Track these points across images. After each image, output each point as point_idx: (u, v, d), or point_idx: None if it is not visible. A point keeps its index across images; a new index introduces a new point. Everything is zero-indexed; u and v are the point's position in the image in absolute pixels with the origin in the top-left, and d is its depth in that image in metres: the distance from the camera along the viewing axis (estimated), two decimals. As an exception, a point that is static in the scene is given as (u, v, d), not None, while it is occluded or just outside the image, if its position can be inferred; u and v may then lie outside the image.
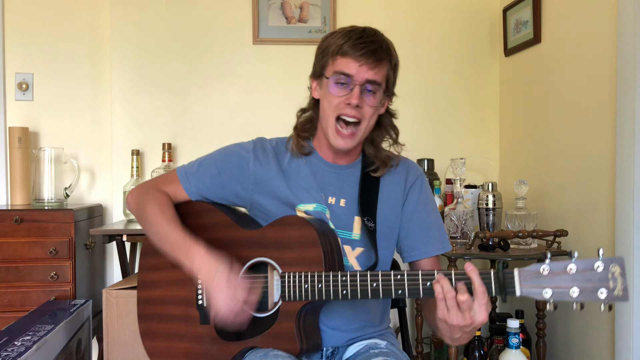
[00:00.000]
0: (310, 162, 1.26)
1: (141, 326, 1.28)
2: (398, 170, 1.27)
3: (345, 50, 1.13)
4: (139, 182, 2.19)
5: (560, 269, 0.90)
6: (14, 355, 1.29)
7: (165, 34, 2.31)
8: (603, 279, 0.87)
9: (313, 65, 1.23)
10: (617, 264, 0.87)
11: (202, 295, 1.20)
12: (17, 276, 1.92)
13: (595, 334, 1.72)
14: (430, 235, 1.24)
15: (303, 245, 1.11)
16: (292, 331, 1.09)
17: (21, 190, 2.22)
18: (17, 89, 2.33)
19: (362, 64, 1.13)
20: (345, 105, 1.14)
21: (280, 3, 2.34)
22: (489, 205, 1.91)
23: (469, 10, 2.40)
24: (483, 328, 2.10)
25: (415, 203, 1.25)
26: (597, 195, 1.70)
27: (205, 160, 1.28)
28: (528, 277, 0.92)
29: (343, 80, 1.14)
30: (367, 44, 1.13)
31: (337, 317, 1.19)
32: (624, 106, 1.56)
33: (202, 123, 2.33)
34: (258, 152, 1.26)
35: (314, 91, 1.24)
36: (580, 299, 0.88)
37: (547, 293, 0.90)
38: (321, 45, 1.20)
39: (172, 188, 1.27)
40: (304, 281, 1.08)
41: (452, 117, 2.41)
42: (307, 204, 1.20)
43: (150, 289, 1.28)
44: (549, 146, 1.99)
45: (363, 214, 1.20)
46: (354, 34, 1.14)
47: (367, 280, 1.04)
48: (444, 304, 0.96)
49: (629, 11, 1.54)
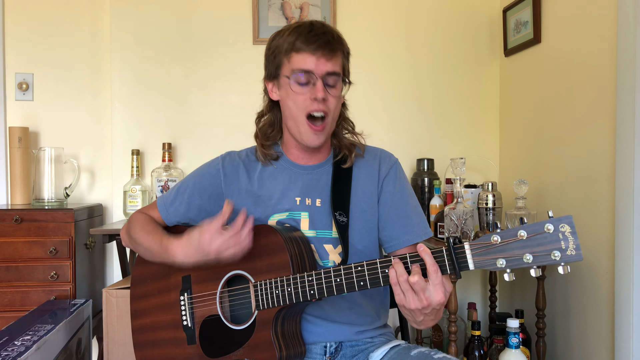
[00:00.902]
0: (280, 166, 1.26)
1: (137, 355, 1.31)
2: (370, 161, 1.26)
3: (299, 47, 1.13)
4: (139, 182, 2.20)
5: (511, 236, 0.89)
6: (14, 355, 1.29)
7: (165, 34, 2.32)
8: (554, 240, 0.86)
9: (265, 67, 1.23)
10: (565, 223, 0.86)
11: (185, 315, 1.22)
12: (17, 276, 1.93)
13: (595, 334, 1.72)
14: (409, 223, 1.23)
15: (271, 252, 1.12)
16: (269, 339, 1.09)
17: (21, 190, 2.22)
18: (17, 89, 2.33)
19: (319, 56, 1.13)
20: (312, 101, 1.14)
21: (280, 3, 2.34)
22: (489, 205, 1.91)
23: (469, 10, 2.40)
24: (483, 328, 2.10)
25: (392, 193, 1.24)
26: (597, 195, 1.70)
27: (181, 187, 1.31)
28: (479, 249, 0.91)
29: (303, 77, 1.14)
30: (319, 36, 1.13)
31: (328, 309, 1.20)
32: (624, 106, 1.56)
33: (202, 123, 2.34)
34: (227, 169, 1.27)
35: (272, 93, 1.23)
36: (535, 263, 0.87)
37: (501, 262, 0.89)
38: (270, 46, 1.20)
39: (155, 214, 1.32)
40: (275, 287, 1.09)
41: (452, 117, 2.42)
42: (279, 213, 1.21)
43: (141, 317, 1.30)
44: (549, 146, 2.00)
45: (335, 209, 1.20)
46: (302, 29, 1.14)
47: (330, 276, 1.04)
48: (399, 289, 0.96)
49: (629, 11, 1.54)
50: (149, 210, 1.34)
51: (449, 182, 2.09)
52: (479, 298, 2.42)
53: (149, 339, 1.28)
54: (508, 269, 0.90)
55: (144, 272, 1.31)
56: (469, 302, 2.17)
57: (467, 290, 2.42)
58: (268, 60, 1.21)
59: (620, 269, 1.56)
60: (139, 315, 1.31)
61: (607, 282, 1.65)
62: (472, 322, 1.92)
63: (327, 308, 1.20)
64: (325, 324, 1.20)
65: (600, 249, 1.68)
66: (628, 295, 1.54)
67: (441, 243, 1.87)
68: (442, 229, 1.93)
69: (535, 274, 0.89)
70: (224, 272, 1.18)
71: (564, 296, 1.88)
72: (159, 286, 1.27)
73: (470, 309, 2.10)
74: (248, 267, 1.14)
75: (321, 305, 1.19)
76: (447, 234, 1.86)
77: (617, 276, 1.58)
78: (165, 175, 2.19)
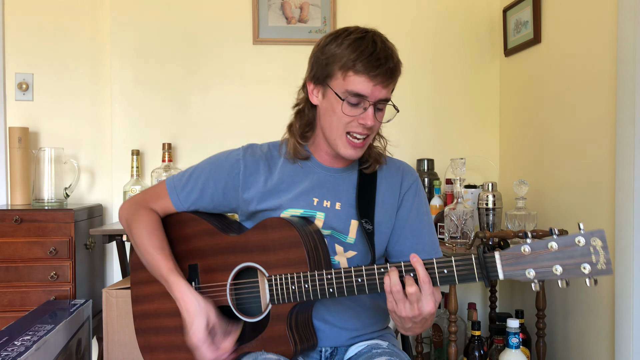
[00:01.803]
0: (306, 166, 1.23)
1: (140, 340, 1.29)
2: (392, 173, 1.25)
3: (359, 69, 1.07)
4: (139, 182, 2.20)
5: (542, 247, 0.89)
6: (14, 355, 1.29)
7: (165, 34, 2.31)
8: (585, 254, 0.86)
9: (311, 67, 1.16)
10: (597, 237, 0.85)
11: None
12: (17, 276, 1.93)
13: (595, 334, 1.72)
14: (420, 242, 1.23)
15: (286, 246, 1.10)
16: (284, 333, 1.09)
17: (21, 190, 2.22)
18: (17, 89, 2.33)
19: (377, 83, 1.08)
20: (358, 124, 1.11)
21: (280, 3, 2.34)
22: (489, 205, 1.91)
23: (469, 10, 2.41)
24: (483, 328, 2.10)
25: (409, 209, 1.23)
26: (597, 195, 1.70)
27: (194, 172, 1.26)
28: (509, 259, 0.91)
29: (355, 100, 1.09)
30: (382, 61, 1.07)
31: (334, 314, 1.19)
32: (624, 106, 1.56)
33: (202, 123, 2.34)
34: (248, 160, 1.23)
35: (313, 96, 1.17)
36: (564, 276, 0.87)
37: (530, 273, 0.89)
38: (324, 51, 1.12)
39: (161, 204, 1.26)
40: (291, 283, 1.08)
41: (452, 117, 2.42)
42: (294, 209, 1.19)
43: (144, 303, 1.29)
44: (549, 146, 1.99)
45: (361, 216, 1.19)
46: (365, 48, 1.07)
47: (351, 276, 1.03)
48: (391, 297, 0.97)
49: (629, 11, 1.54)
50: (155, 201, 1.27)
51: (449, 183, 2.09)
52: (479, 298, 2.42)
53: (153, 325, 1.26)
54: (536, 280, 0.90)
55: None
56: (469, 302, 2.17)
57: (467, 290, 2.42)
58: (318, 63, 1.14)
59: (620, 269, 1.56)
60: (141, 300, 1.29)
61: (607, 282, 1.65)
62: (472, 322, 1.92)
63: (329, 311, 1.19)
64: (323, 328, 1.19)
65: (600, 249, 1.68)
66: (628, 295, 1.54)
67: (442, 244, 1.87)
68: (442, 230, 1.93)
69: (562, 286, 0.89)
70: (234, 263, 1.16)
71: (564, 296, 1.88)
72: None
73: (470, 309, 2.10)
74: (261, 259, 1.13)
75: (324, 308, 1.18)
76: (447, 235, 1.86)
77: (617, 276, 1.58)
78: (165, 176, 2.19)
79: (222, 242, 1.19)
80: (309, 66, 1.18)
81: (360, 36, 1.10)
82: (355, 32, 1.11)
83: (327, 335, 1.19)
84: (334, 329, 1.20)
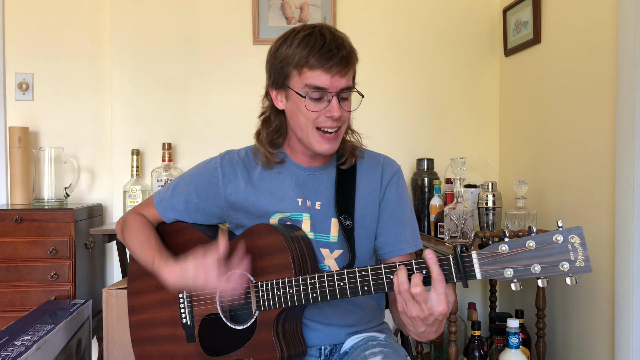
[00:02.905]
0: (283, 169, 1.23)
1: (135, 350, 1.31)
2: (372, 166, 1.25)
3: (313, 64, 1.07)
4: (139, 182, 2.20)
5: (520, 246, 0.87)
6: (14, 355, 1.29)
7: (165, 34, 2.31)
8: (564, 251, 0.85)
9: (269, 74, 1.18)
10: (575, 234, 0.85)
11: (185, 313, 1.22)
12: (17, 276, 1.93)
13: (595, 334, 1.72)
14: (403, 232, 1.23)
15: (272, 252, 1.11)
16: (270, 340, 1.09)
17: (21, 190, 2.22)
18: (17, 89, 2.33)
19: (334, 73, 1.08)
20: (326, 118, 1.11)
21: (280, 3, 2.34)
22: (489, 205, 1.91)
23: (469, 10, 2.41)
24: (483, 328, 2.10)
25: (392, 200, 1.23)
26: (597, 195, 1.70)
27: (177, 185, 1.29)
28: (487, 258, 0.90)
29: (317, 94, 1.10)
30: (333, 52, 1.07)
31: (329, 314, 1.19)
32: (624, 106, 1.56)
33: (202, 123, 2.34)
34: (225, 168, 1.24)
35: (278, 102, 1.18)
36: (544, 274, 0.86)
37: (509, 272, 0.88)
38: (277, 55, 1.13)
39: (150, 212, 1.31)
40: (276, 288, 1.08)
41: (452, 117, 2.42)
42: (281, 213, 1.19)
43: (139, 313, 1.30)
44: (549, 146, 2.00)
45: (340, 212, 1.19)
46: (314, 42, 1.08)
47: (334, 280, 1.03)
48: (400, 297, 0.95)
49: (629, 11, 1.54)
50: (145, 208, 1.32)
51: (449, 182, 2.09)
52: (479, 298, 2.42)
53: (147, 335, 1.28)
54: (515, 279, 0.89)
55: (140, 268, 1.29)
56: (469, 302, 2.17)
57: (467, 290, 2.42)
58: (273, 69, 1.15)
59: (620, 269, 1.56)
60: (136, 310, 1.31)
61: (607, 282, 1.65)
62: (472, 322, 1.92)
63: (323, 311, 1.19)
64: (320, 327, 1.19)
65: (600, 249, 1.68)
66: (628, 295, 1.54)
67: (441, 243, 1.87)
68: (442, 229, 1.93)
69: (542, 285, 0.88)
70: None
71: (564, 296, 1.88)
72: (157, 282, 1.26)
73: (470, 309, 2.10)
74: (249, 266, 1.14)
75: (317, 308, 1.18)
76: (447, 234, 1.86)
77: (617, 276, 1.58)
78: (165, 175, 2.19)
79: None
80: (266, 74, 1.20)
81: (308, 32, 1.10)
82: (302, 30, 1.12)
83: (325, 334, 1.19)
84: (331, 327, 1.20)
